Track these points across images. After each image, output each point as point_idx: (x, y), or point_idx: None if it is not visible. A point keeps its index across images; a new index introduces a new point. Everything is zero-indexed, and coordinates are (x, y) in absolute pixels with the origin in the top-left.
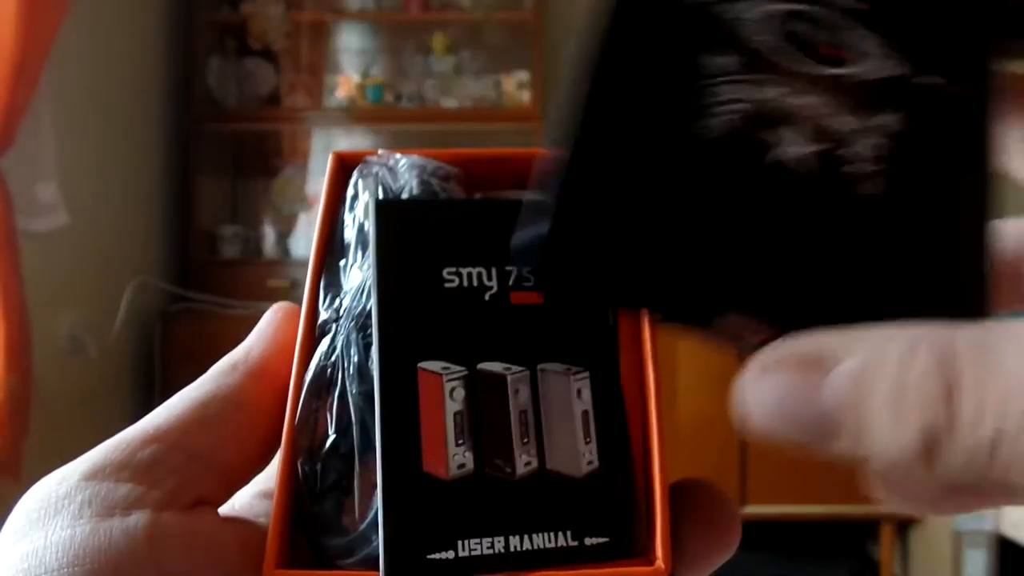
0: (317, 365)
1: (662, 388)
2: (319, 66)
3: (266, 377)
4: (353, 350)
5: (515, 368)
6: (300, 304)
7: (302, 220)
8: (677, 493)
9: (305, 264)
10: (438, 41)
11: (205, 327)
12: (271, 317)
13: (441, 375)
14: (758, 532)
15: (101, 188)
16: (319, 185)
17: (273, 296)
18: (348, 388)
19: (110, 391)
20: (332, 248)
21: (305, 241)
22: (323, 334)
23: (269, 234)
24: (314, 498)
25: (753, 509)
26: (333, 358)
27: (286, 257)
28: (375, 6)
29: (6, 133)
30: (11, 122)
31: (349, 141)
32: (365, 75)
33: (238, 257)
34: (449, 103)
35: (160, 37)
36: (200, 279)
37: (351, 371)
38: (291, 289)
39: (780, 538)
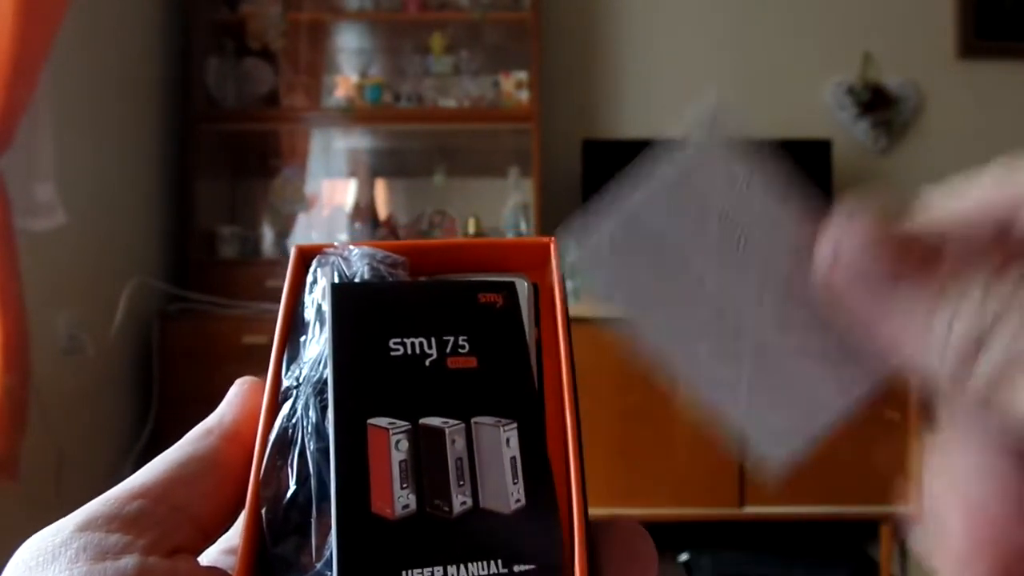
0: (280, 426)
1: (581, 435)
2: (317, 66)
3: (237, 439)
4: (311, 412)
5: (452, 422)
6: (266, 374)
7: (301, 220)
8: (603, 529)
9: None
10: (436, 41)
11: (203, 327)
12: (239, 388)
13: (388, 430)
14: (758, 532)
15: (100, 188)
16: (317, 185)
17: (272, 296)
18: (307, 445)
19: (108, 391)
20: (294, 325)
21: (303, 241)
22: (285, 399)
23: (267, 234)
24: (276, 542)
25: (753, 509)
26: (294, 420)
27: (284, 257)
28: (373, 6)
29: (5, 133)
30: (10, 122)
31: (347, 141)
32: (363, 75)
33: (236, 257)
34: (447, 103)
35: (158, 37)
36: (198, 279)
37: (309, 430)
38: None
39: (780, 538)
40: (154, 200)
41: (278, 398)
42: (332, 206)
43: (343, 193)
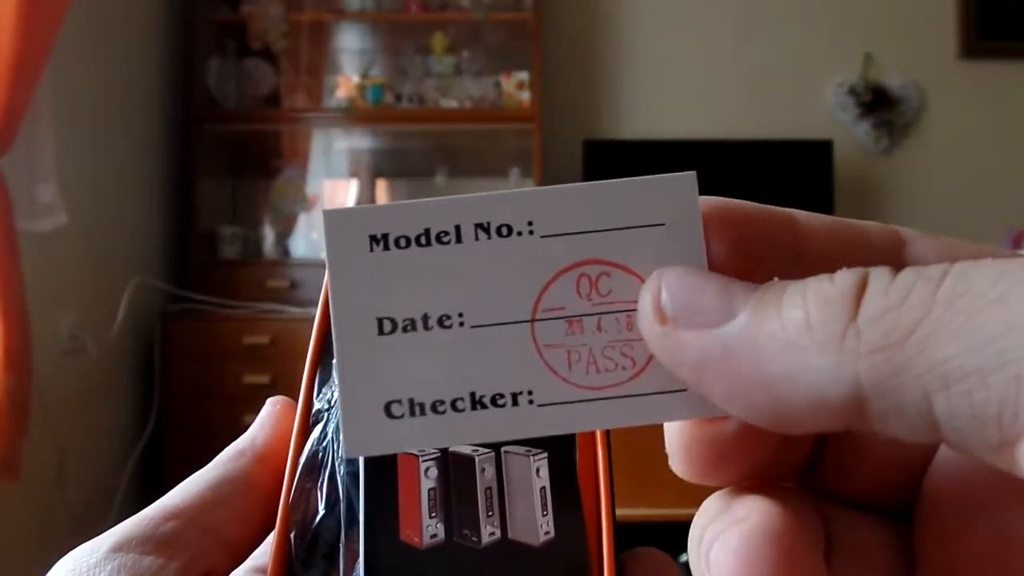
0: (310, 449)
1: (612, 465)
2: (319, 66)
3: (269, 461)
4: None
5: (482, 450)
6: (297, 390)
7: (302, 221)
8: (632, 562)
9: (304, 265)
10: (438, 41)
11: (204, 327)
12: (271, 409)
13: (417, 456)
14: None
15: (101, 188)
16: (319, 186)
17: (272, 296)
18: (337, 469)
19: (110, 391)
20: (327, 347)
21: (304, 242)
22: (316, 422)
23: (268, 234)
24: (304, 566)
25: None
26: (324, 443)
27: (285, 258)
28: (375, 6)
29: (6, 133)
30: (11, 122)
31: (349, 141)
32: (365, 75)
33: (237, 257)
34: (449, 103)
35: (160, 37)
36: (199, 279)
37: (340, 454)
38: (290, 289)
39: None
40: (155, 201)
41: (309, 420)
42: (333, 206)
43: (344, 194)
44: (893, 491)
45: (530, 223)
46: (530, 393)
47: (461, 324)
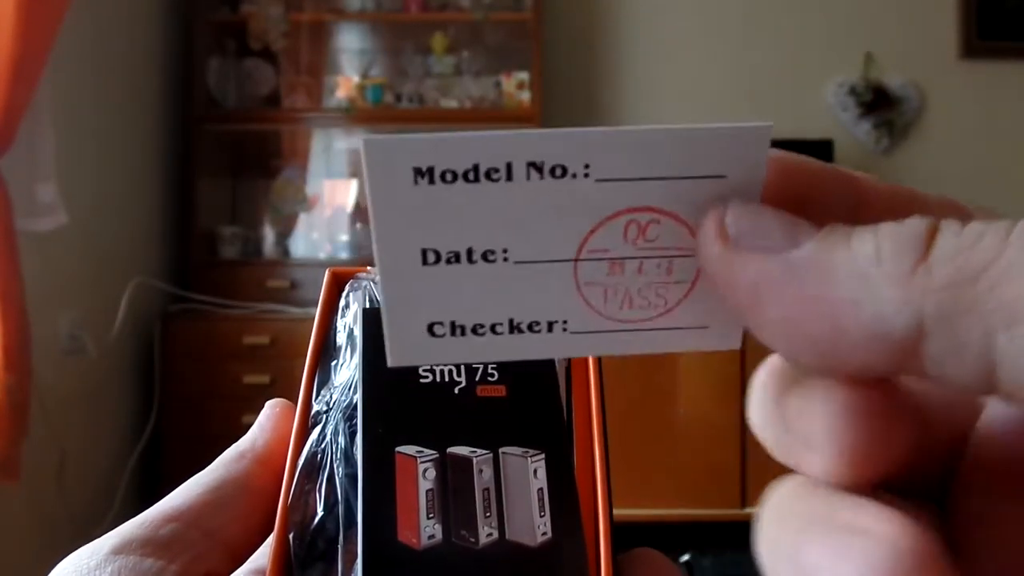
0: (309, 451)
1: (609, 466)
2: (319, 66)
3: (268, 463)
4: (341, 437)
5: (480, 451)
6: (297, 391)
7: (302, 221)
8: (630, 563)
9: (304, 265)
10: (438, 41)
11: (205, 327)
12: (270, 412)
13: (415, 458)
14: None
15: (101, 188)
16: (319, 186)
17: (272, 296)
18: (336, 470)
19: (110, 391)
20: (326, 350)
21: (304, 242)
22: (315, 424)
23: (268, 235)
24: (303, 567)
25: (755, 510)
26: (323, 444)
27: (285, 258)
28: (375, 6)
29: (5, 133)
30: (11, 122)
31: (349, 141)
32: (365, 75)
33: (237, 258)
34: (449, 103)
35: (160, 37)
36: (200, 279)
37: (338, 456)
38: (290, 289)
39: None
40: (155, 200)
41: (308, 422)
42: (333, 206)
43: (344, 193)
44: (924, 475)
45: (587, 166)
46: (565, 322)
47: (505, 259)
